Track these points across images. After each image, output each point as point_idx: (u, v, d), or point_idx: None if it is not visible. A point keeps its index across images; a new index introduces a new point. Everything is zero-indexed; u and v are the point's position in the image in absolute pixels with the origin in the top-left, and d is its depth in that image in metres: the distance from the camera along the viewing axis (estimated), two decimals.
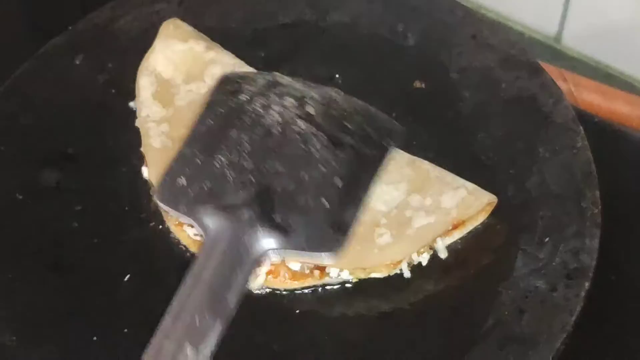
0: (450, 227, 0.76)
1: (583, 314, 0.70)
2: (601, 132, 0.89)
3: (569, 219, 0.75)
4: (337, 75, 0.88)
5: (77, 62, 0.89)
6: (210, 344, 0.64)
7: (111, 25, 0.91)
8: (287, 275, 0.75)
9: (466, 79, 0.87)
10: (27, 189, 0.81)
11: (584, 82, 1.00)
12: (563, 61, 1.05)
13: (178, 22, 0.90)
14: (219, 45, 0.88)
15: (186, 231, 0.78)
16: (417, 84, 0.87)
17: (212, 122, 0.76)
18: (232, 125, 0.75)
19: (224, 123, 0.75)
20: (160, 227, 0.78)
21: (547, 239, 0.74)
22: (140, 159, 0.82)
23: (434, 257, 0.76)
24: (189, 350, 0.62)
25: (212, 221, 0.70)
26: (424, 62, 0.89)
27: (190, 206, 0.72)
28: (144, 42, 0.89)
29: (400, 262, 0.75)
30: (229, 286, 0.66)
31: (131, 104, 0.86)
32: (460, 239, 0.77)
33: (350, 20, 0.92)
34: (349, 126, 0.75)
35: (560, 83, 0.89)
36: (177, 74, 0.86)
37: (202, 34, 0.89)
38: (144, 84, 0.86)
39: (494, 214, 0.77)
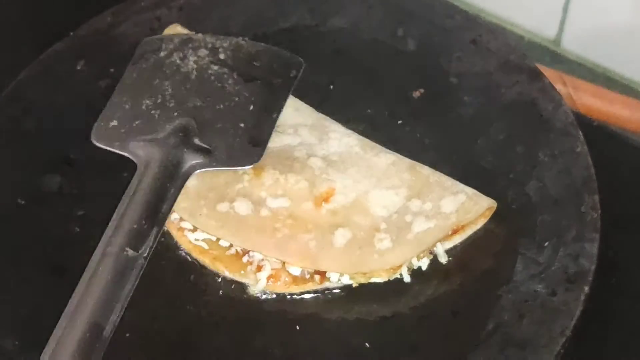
0: (450, 232, 0.76)
1: (583, 318, 0.70)
2: (600, 135, 0.89)
3: (568, 223, 0.75)
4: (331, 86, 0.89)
5: (79, 68, 0.89)
6: (147, 247, 0.72)
7: (112, 30, 0.92)
8: (287, 279, 0.75)
9: (466, 84, 0.87)
10: (29, 193, 0.81)
11: (583, 86, 1.00)
12: (562, 65, 1.05)
13: (178, 28, 0.90)
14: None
15: (187, 236, 0.78)
16: (417, 94, 0.88)
17: (136, 75, 0.85)
18: (155, 76, 0.84)
19: (147, 75, 0.84)
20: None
21: (546, 243, 0.75)
22: None
23: (434, 261, 0.76)
24: (130, 252, 0.71)
25: (143, 150, 0.78)
26: (424, 67, 0.89)
27: (122, 142, 0.80)
28: None
29: (400, 266, 0.75)
30: (163, 199, 0.75)
31: None
32: (460, 243, 0.77)
33: (350, 26, 0.93)
34: (256, 64, 0.85)
35: (559, 86, 0.89)
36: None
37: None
38: None
39: (494, 218, 0.77)
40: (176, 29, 0.90)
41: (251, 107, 0.82)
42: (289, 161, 0.80)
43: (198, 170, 0.78)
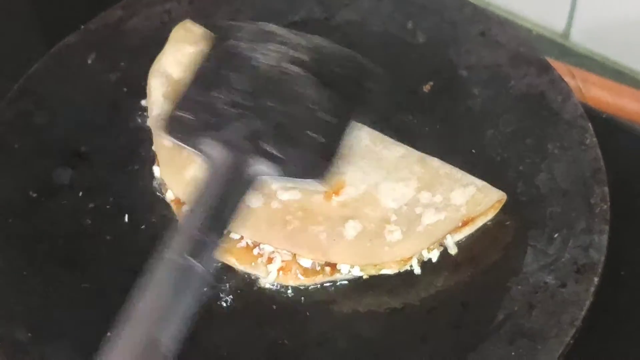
0: (460, 224, 0.76)
1: (592, 310, 0.70)
2: (609, 128, 0.89)
3: (578, 215, 0.75)
4: None
5: (89, 61, 0.90)
6: (208, 256, 0.67)
7: (123, 24, 0.92)
8: (298, 271, 0.76)
9: (475, 76, 0.87)
10: (41, 186, 0.81)
11: (592, 79, 1.00)
12: (571, 58, 1.05)
13: (189, 24, 0.90)
14: None
15: None
16: (427, 87, 0.88)
17: (210, 66, 0.80)
18: (229, 67, 0.79)
19: (221, 66, 0.80)
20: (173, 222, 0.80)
21: (556, 235, 0.75)
22: (152, 157, 0.83)
23: (444, 253, 0.77)
24: (188, 259, 0.66)
25: (214, 151, 0.74)
26: (433, 59, 0.89)
27: (194, 138, 0.75)
28: (155, 40, 0.90)
29: (410, 258, 0.76)
30: (227, 206, 0.71)
31: (143, 102, 0.87)
32: (470, 235, 0.77)
33: (359, 19, 0.93)
34: (334, 69, 0.79)
35: (568, 80, 0.89)
36: (187, 74, 0.86)
37: (213, 35, 0.89)
38: (155, 85, 0.86)
39: (504, 210, 0.77)
40: (186, 25, 0.90)
41: (324, 116, 0.76)
42: None
43: (264, 177, 0.74)
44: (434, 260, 0.76)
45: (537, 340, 0.69)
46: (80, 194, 0.82)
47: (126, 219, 0.80)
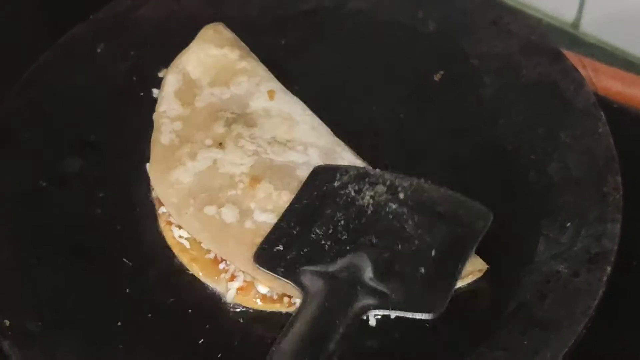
0: None
1: (605, 299, 0.70)
2: (621, 117, 0.88)
3: (590, 203, 0.75)
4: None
5: (99, 51, 0.89)
6: None
7: (132, 13, 0.92)
8: (257, 296, 0.75)
9: (487, 65, 0.87)
10: (51, 176, 0.81)
11: (602, 69, 1.00)
12: (581, 48, 1.04)
13: (219, 27, 0.90)
14: (254, 57, 0.88)
15: (172, 231, 0.78)
16: (437, 76, 0.87)
17: (306, 202, 0.77)
18: (327, 205, 0.77)
19: (318, 203, 0.77)
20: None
21: (568, 224, 0.74)
22: None
23: None
24: None
25: (310, 281, 0.72)
26: (444, 48, 0.89)
27: (288, 269, 0.73)
28: (165, 30, 0.90)
29: None
30: (328, 336, 0.69)
31: (154, 90, 0.87)
32: None
33: (369, 7, 0.93)
34: (438, 209, 0.77)
35: (579, 69, 0.89)
36: (205, 76, 0.87)
37: (242, 43, 0.89)
38: (170, 81, 0.86)
39: (515, 199, 0.77)
40: (217, 27, 0.89)
41: (433, 253, 0.73)
42: (287, 178, 0.78)
43: (372, 312, 0.72)
44: (392, 316, 0.73)
45: (550, 329, 0.69)
46: (90, 183, 0.81)
47: (137, 209, 0.80)
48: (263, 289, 0.74)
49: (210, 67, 0.87)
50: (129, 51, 0.90)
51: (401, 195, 0.77)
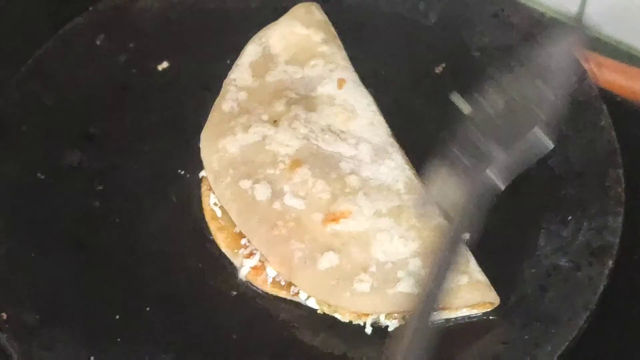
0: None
1: (606, 294, 0.70)
2: (624, 111, 0.88)
3: (592, 197, 0.75)
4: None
5: (98, 42, 0.89)
6: None
7: (132, 5, 0.91)
8: (269, 279, 0.75)
9: (488, 58, 0.87)
10: (49, 168, 0.81)
11: (605, 62, 0.99)
12: None
13: (312, 7, 0.89)
14: (339, 44, 0.87)
15: (209, 197, 0.79)
16: (439, 69, 0.87)
17: None
18: None
19: None
20: (182, 204, 0.79)
21: (570, 217, 0.74)
22: (161, 138, 0.83)
23: None
24: None
25: None
26: (446, 40, 0.89)
27: None
28: (164, 22, 0.90)
29: (366, 315, 0.73)
30: None
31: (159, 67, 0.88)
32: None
33: None
34: None
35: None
36: (284, 53, 0.87)
37: (331, 28, 0.89)
38: (249, 51, 0.87)
39: (517, 191, 0.76)
40: (310, 7, 0.89)
41: None
42: (327, 168, 0.78)
43: None
44: (390, 329, 0.73)
45: (550, 323, 0.69)
46: (89, 175, 0.81)
47: (135, 201, 0.80)
48: (271, 272, 0.74)
49: (292, 44, 0.87)
50: (129, 43, 0.89)
51: None
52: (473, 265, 0.73)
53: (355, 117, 0.81)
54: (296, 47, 0.87)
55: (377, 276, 0.72)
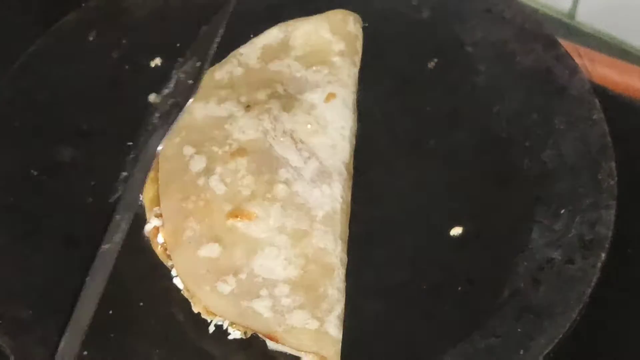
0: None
1: (599, 286, 0.69)
2: (616, 105, 0.88)
3: (584, 190, 0.75)
4: None
5: (91, 39, 0.89)
6: None
7: (124, 1, 0.92)
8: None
9: (481, 52, 0.87)
10: (42, 165, 0.81)
11: (598, 58, 1.00)
12: (577, 37, 1.04)
13: (350, 18, 0.89)
14: (356, 62, 0.87)
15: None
16: (432, 64, 0.87)
17: None
18: None
19: None
20: None
21: (562, 211, 0.74)
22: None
23: (451, 225, 0.76)
24: None
25: None
26: (439, 35, 0.89)
27: None
28: (157, 18, 0.90)
29: (215, 315, 0.72)
30: None
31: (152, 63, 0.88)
32: (476, 210, 0.76)
33: None
34: None
35: (574, 58, 0.88)
36: (300, 49, 0.87)
37: (357, 43, 0.88)
38: (271, 34, 0.88)
39: (509, 185, 0.77)
40: (348, 17, 0.89)
41: None
42: (265, 169, 0.77)
43: None
44: (230, 337, 0.72)
45: (544, 316, 0.69)
46: (81, 171, 0.81)
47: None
48: (161, 239, 0.76)
49: (310, 44, 0.87)
50: (121, 39, 0.89)
51: None
52: (334, 315, 0.71)
53: (322, 134, 0.81)
54: (312, 48, 0.87)
55: (242, 285, 0.71)
